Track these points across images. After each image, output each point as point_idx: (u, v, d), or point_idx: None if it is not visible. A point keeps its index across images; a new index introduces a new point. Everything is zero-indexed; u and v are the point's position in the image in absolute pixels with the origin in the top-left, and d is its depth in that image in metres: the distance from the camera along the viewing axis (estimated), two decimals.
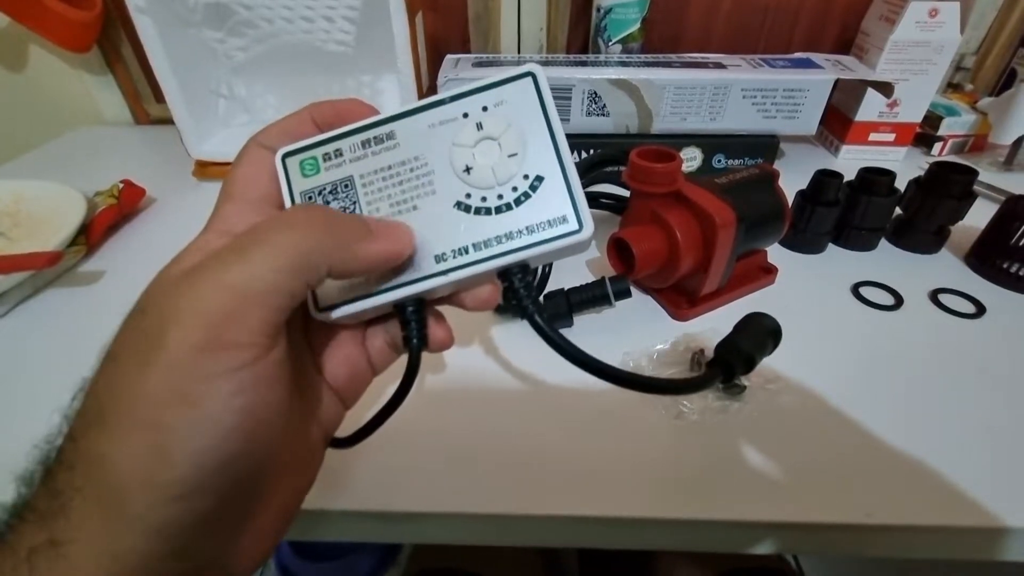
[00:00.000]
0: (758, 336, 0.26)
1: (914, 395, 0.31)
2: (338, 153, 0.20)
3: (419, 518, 0.26)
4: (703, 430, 0.29)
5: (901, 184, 0.42)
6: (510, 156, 0.18)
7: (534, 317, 0.19)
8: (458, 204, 0.19)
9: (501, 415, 0.30)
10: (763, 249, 0.40)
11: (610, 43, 0.59)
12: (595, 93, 0.51)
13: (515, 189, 0.19)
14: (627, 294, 0.34)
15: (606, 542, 0.27)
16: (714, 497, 0.26)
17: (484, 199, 0.19)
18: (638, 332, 0.35)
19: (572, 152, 0.54)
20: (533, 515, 0.25)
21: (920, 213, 0.42)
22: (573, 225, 0.18)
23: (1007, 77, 0.63)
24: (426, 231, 0.19)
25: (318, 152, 0.20)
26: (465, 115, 0.19)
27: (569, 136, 0.60)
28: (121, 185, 0.49)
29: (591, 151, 0.54)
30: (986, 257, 0.41)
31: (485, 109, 0.19)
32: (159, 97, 0.70)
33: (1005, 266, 0.39)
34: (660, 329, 0.36)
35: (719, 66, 0.52)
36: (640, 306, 0.38)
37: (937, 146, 0.60)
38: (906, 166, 0.58)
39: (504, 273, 0.19)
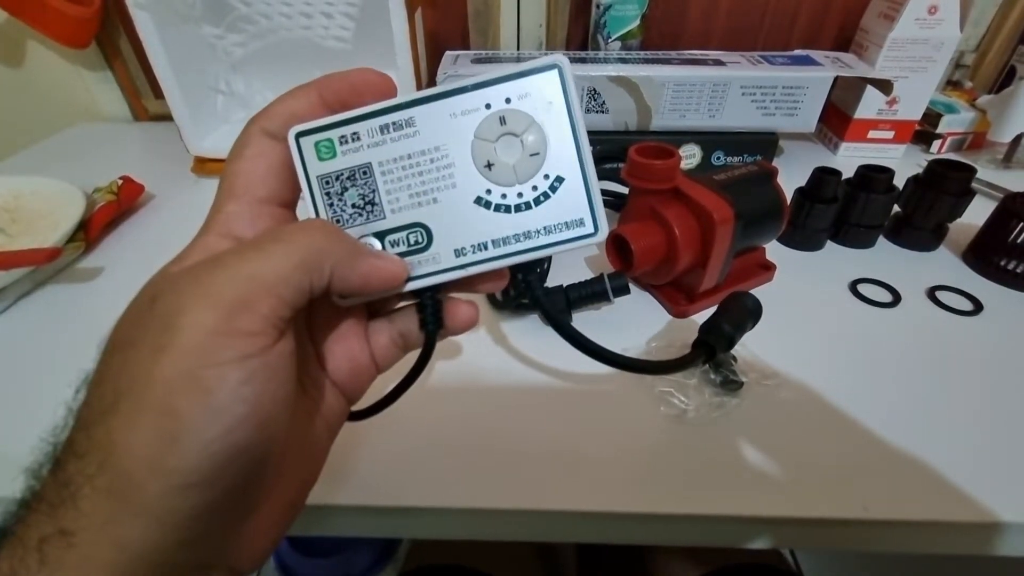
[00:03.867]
0: (739, 316, 0.28)
1: (911, 391, 0.31)
2: (355, 137, 0.19)
3: (417, 513, 0.26)
4: (701, 426, 0.29)
5: (900, 181, 0.42)
6: (532, 155, 0.18)
7: (542, 304, 0.21)
8: (478, 200, 0.19)
9: (499, 411, 0.30)
10: (762, 246, 0.40)
11: (609, 40, 0.59)
12: (594, 90, 0.51)
13: (535, 188, 0.19)
14: (626, 291, 0.34)
15: (604, 537, 0.27)
16: (711, 492, 0.26)
17: (504, 196, 0.19)
18: (636, 328, 0.35)
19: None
20: (530, 510, 0.25)
21: (918, 210, 0.42)
22: (589, 228, 0.19)
23: (1006, 74, 0.63)
24: (446, 224, 0.19)
25: (334, 134, 0.19)
26: (488, 106, 0.18)
27: None
28: (120, 181, 0.49)
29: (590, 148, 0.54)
30: (984, 254, 0.41)
31: (508, 101, 0.18)
32: (158, 93, 0.70)
33: (1003, 263, 0.39)
34: (658, 325, 0.36)
35: (718, 63, 0.52)
36: (639, 302, 0.38)
37: (936, 144, 0.60)
38: (905, 164, 0.58)
39: (514, 267, 0.20)
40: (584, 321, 0.36)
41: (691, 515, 0.25)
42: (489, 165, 0.18)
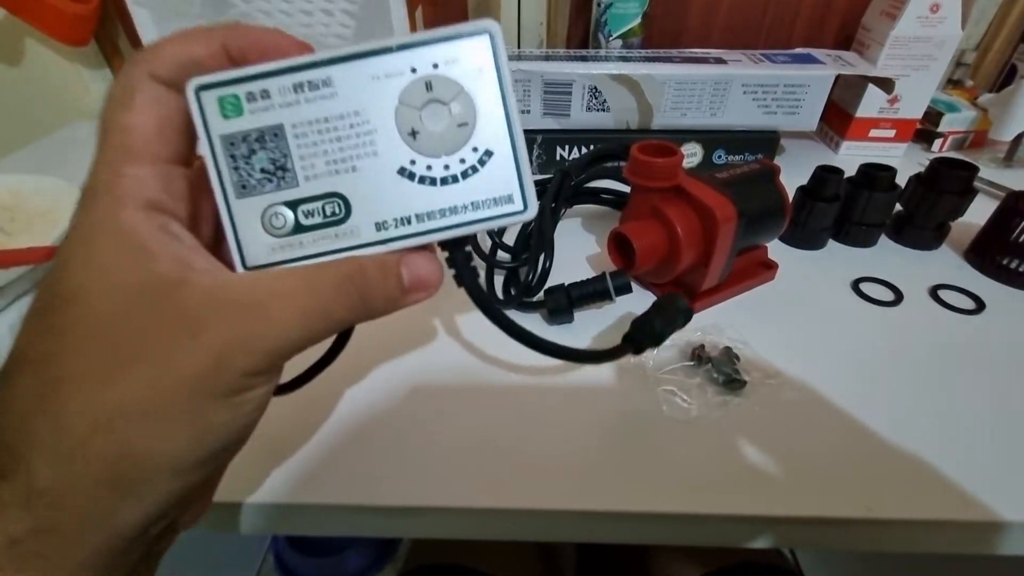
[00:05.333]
0: (671, 315, 0.28)
1: (914, 390, 0.31)
2: (265, 94, 0.17)
3: (418, 512, 0.26)
4: (703, 425, 0.29)
5: (901, 180, 0.42)
6: (460, 126, 0.17)
7: (468, 286, 0.20)
8: (402, 170, 0.18)
9: (499, 409, 0.30)
10: (763, 245, 0.40)
11: (610, 38, 0.58)
12: (595, 88, 0.51)
13: (463, 161, 0.18)
14: (628, 289, 0.34)
15: (606, 537, 0.27)
16: (714, 492, 0.26)
17: (429, 168, 0.18)
18: None
19: (570, 147, 0.54)
20: (531, 509, 0.25)
21: (920, 209, 0.42)
22: (518, 205, 0.18)
23: (1007, 73, 0.63)
24: (366, 195, 0.18)
25: (241, 90, 0.17)
26: (413, 70, 0.17)
27: (569, 131, 0.59)
28: None
29: (591, 146, 0.54)
30: (986, 253, 0.41)
31: (436, 66, 0.17)
32: None
33: (1005, 262, 0.39)
34: None
35: (720, 61, 0.52)
36: (641, 301, 0.38)
37: (937, 142, 0.60)
38: (906, 162, 0.58)
39: (443, 243, 0.19)
40: (586, 320, 0.36)
41: (694, 514, 0.25)
42: (414, 133, 0.17)
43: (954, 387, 0.31)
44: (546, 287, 0.35)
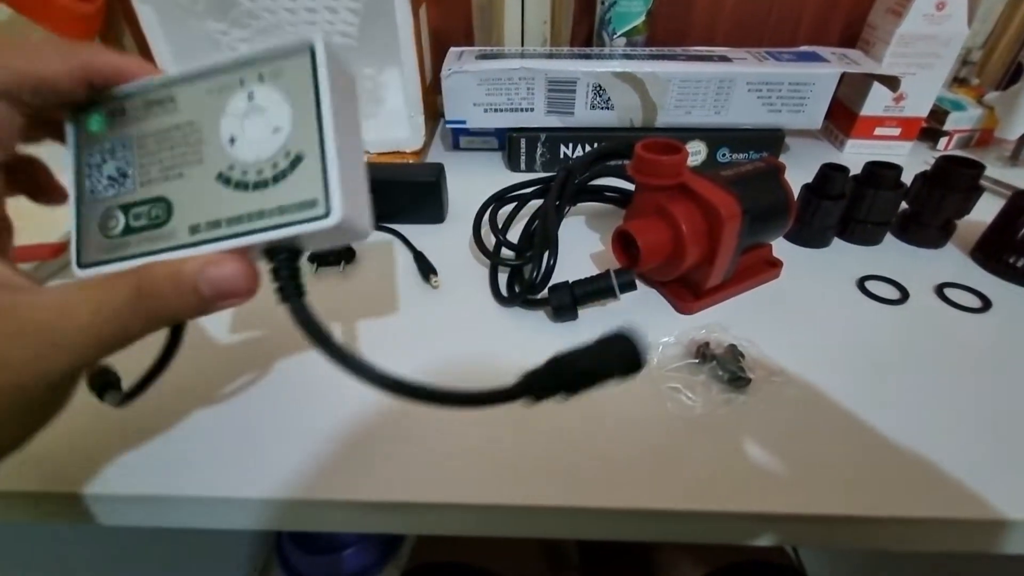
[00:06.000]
0: (604, 361, 0.21)
1: (920, 388, 0.31)
2: (122, 111, 0.19)
3: (421, 508, 0.26)
4: (707, 422, 0.29)
5: (906, 179, 0.42)
6: (274, 131, 0.18)
7: (293, 302, 0.18)
8: (219, 176, 0.18)
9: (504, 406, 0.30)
10: (768, 243, 0.39)
11: (614, 36, 0.58)
12: (600, 86, 0.51)
13: (275, 166, 0.18)
14: (632, 287, 0.34)
15: (610, 534, 0.27)
16: (719, 489, 0.26)
17: (245, 173, 0.18)
18: (642, 325, 0.34)
19: (574, 145, 0.54)
20: (534, 506, 0.25)
21: (927, 207, 0.42)
22: (320, 210, 0.17)
23: (1014, 71, 0.63)
24: (187, 199, 0.19)
25: (105, 109, 0.20)
26: (241, 83, 0.19)
27: (573, 129, 0.59)
28: None
29: (595, 145, 0.54)
30: (992, 252, 0.40)
31: (261, 79, 0.18)
32: None
33: (1011, 261, 0.39)
34: (665, 322, 0.36)
35: (724, 59, 0.52)
36: (644, 299, 0.38)
37: (943, 141, 0.60)
38: (911, 161, 0.57)
39: (271, 252, 0.19)
40: (590, 318, 0.36)
41: (698, 511, 0.25)
42: (232, 140, 0.18)
43: (960, 385, 0.31)
44: (550, 284, 0.35)
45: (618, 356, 0.21)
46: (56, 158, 0.22)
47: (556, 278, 0.35)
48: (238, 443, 0.28)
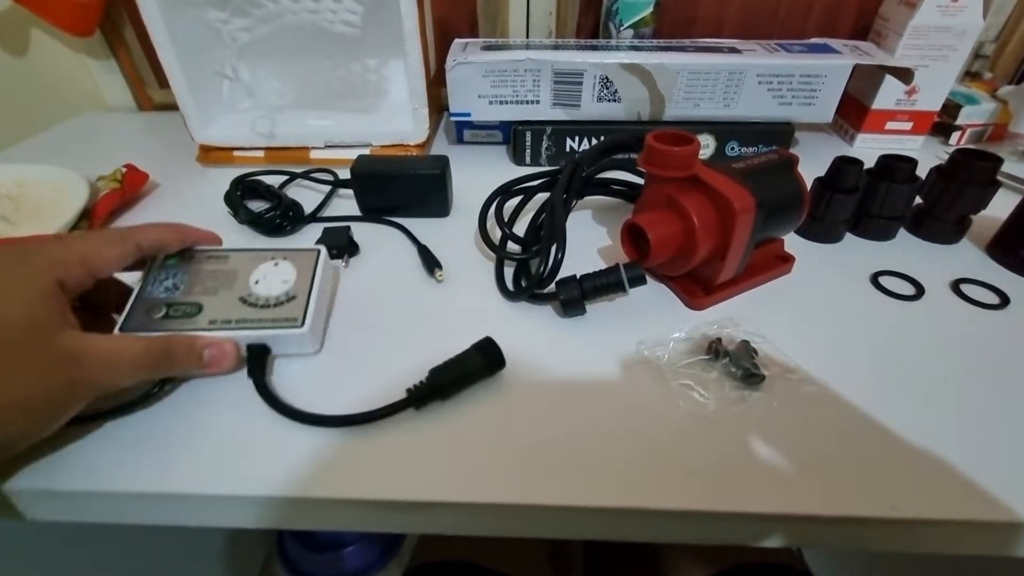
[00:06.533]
0: (467, 369, 0.29)
1: (937, 386, 0.30)
2: (191, 256, 0.32)
3: (426, 508, 0.25)
4: (720, 420, 0.28)
5: (919, 175, 0.41)
6: (283, 282, 0.31)
7: (256, 380, 0.28)
8: (241, 298, 0.30)
9: (510, 403, 0.29)
10: (780, 237, 0.39)
11: (621, 28, 0.57)
12: (607, 78, 0.50)
13: (278, 299, 0.30)
14: (642, 281, 0.33)
15: (619, 534, 0.26)
16: (731, 488, 0.25)
17: (258, 299, 0.30)
18: (652, 321, 0.34)
19: (580, 139, 0.53)
20: (541, 505, 0.25)
21: (941, 201, 0.41)
22: (298, 324, 0.29)
23: None
24: (214, 306, 0.29)
25: (183, 255, 0.32)
26: (272, 257, 0.32)
27: (579, 123, 0.59)
28: (124, 169, 0.48)
29: (601, 138, 0.53)
30: (1010, 247, 0.39)
31: (285, 258, 0.32)
32: (162, 82, 0.69)
33: None
34: (674, 318, 0.35)
35: (734, 51, 0.51)
36: (653, 294, 0.37)
37: (955, 135, 0.59)
38: (923, 156, 0.56)
39: (253, 348, 0.29)
40: (598, 313, 0.35)
41: (710, 512, 0.24)
42: (256, 281, 0.31)
43: (978, 382, 0.30)
44: (559, 278, 0.34)
45: (483, 359, 0.29)
46: None
47: (562, 274, 0.35)
48: (241, 442, 0.27)
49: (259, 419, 0.28)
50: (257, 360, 0.29)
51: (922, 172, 0.41)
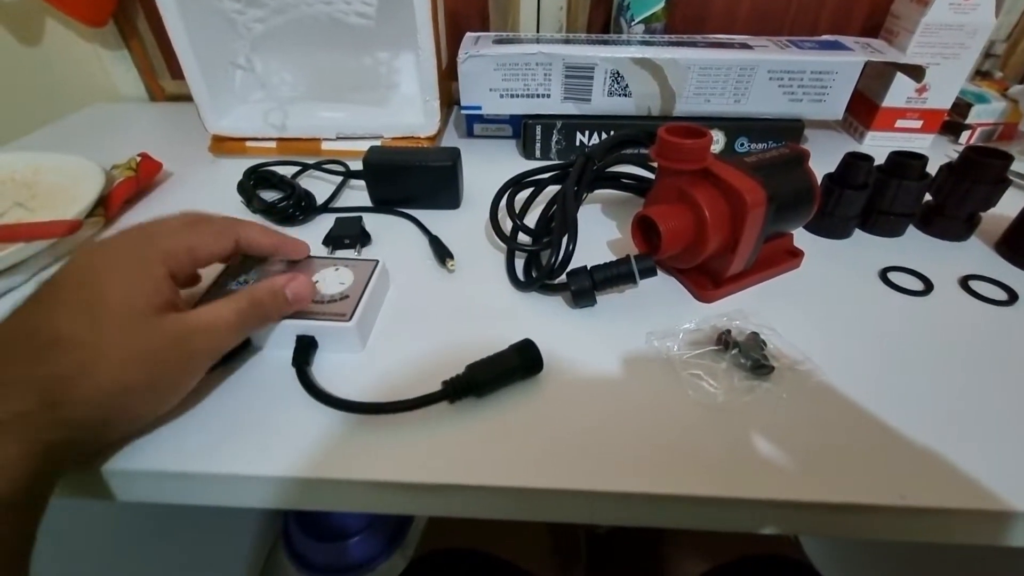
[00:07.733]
0: (506, 368, 0.29)
1: (945, 380, 0.30)
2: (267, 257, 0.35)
3: (437, 489, 0.25)
4: (729, 410, 0.28)
5: (929, 173, 0.41)
6: (340, 284, 0.33)
7: (299, 369, 0.30)
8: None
9: (524, 389, 0.29)
10: (790, 232, 0.39)
11: (632, 23, 0.57)
12: (618, 73, 0.50)
13: (333, 297, 0.32)
14: (652, 272, 0.34)
15: (628, 519, 0.27)
16: (740, 475, 0.25)
17: (317, 295, 0.32)
18: (661, 313, 0.35)
19: (590, 133, 0.53)
20: (551, 489, 0.25)
21: (951, 199, 0.41)
22: (347, 319, 0.31)
23: None
24: None
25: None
26: (335, 264, 0.35)
27: (589, 117, 0.59)
28: (138, 158, 0.49)
29: (611, 132, 0.53)
30: (1018, 245, 0.40)
31: (346, 266, 0.34)
32: (175, 73, 0.70)
33: None
34: (683, 310, 0.35)
35: (745, 47, 0.51)
36: (662, 287, 0.37)
37: (965, 134, 0.59)
38: (932, 154, 0.56)
39: (302, 339, 0.31)
40: (609, 305, 0.35)
41: (720, 498, 0.25)
42: (317, 281, 0.33)
43: (986, 378, 0.30)
44: (569, 268, 0.35)
45: (521, 360, 0.29)
46: None
47: (572, 265, 0.35)
48: (251, 423, 0.28)
49: (294, 408, 0.29)
50: (303, 351, 0.30)
51: (932, 171, 0.41)
